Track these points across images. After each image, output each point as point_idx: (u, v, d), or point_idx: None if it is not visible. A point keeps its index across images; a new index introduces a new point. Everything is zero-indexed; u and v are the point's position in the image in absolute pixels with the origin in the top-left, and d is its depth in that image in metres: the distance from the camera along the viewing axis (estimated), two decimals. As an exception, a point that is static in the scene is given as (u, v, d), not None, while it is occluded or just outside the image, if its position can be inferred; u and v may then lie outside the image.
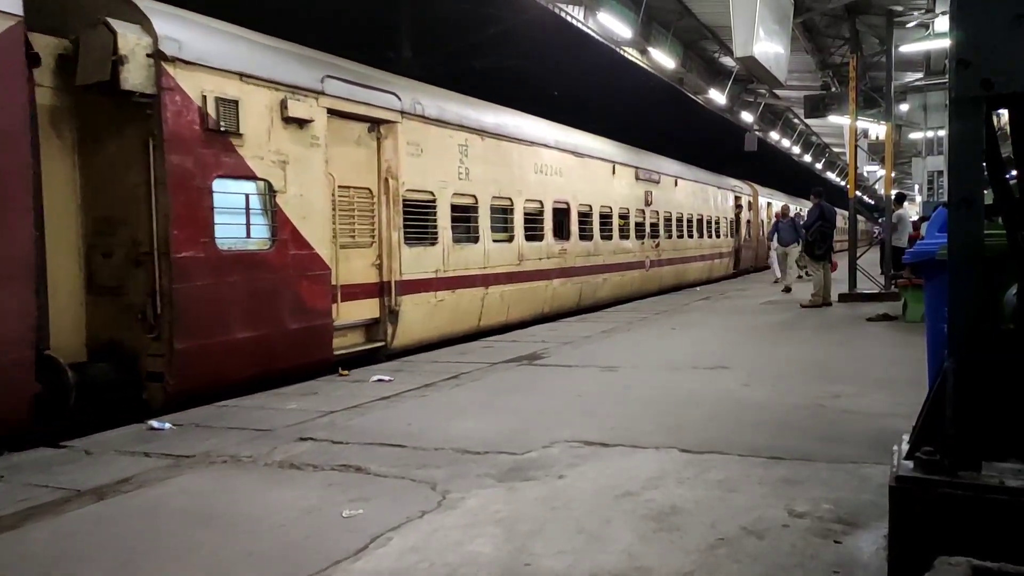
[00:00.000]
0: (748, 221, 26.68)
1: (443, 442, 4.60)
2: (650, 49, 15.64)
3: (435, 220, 9.58)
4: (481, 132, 10.65)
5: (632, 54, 16.34)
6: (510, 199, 11.33)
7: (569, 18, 14.18)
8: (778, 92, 20.72)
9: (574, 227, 13.49)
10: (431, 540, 3.07)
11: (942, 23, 13.31)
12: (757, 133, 25.03)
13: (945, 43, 10.98)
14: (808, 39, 16.38)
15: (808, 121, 25.76)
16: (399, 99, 8.90)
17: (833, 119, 19.63)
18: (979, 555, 2.07)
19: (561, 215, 13.12)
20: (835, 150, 35.10)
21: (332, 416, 5.48)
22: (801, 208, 29.97)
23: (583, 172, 13.88)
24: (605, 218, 14.81)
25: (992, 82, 2.25)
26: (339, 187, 8.01)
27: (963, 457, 2.33)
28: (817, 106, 18.39)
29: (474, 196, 10.41)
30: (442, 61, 20.74)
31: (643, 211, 16.92)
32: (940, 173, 17.04)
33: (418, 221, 9.27)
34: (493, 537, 3.08)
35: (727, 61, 18.06)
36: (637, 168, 16.66)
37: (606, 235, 14.85)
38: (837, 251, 14.47)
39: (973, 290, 2.35)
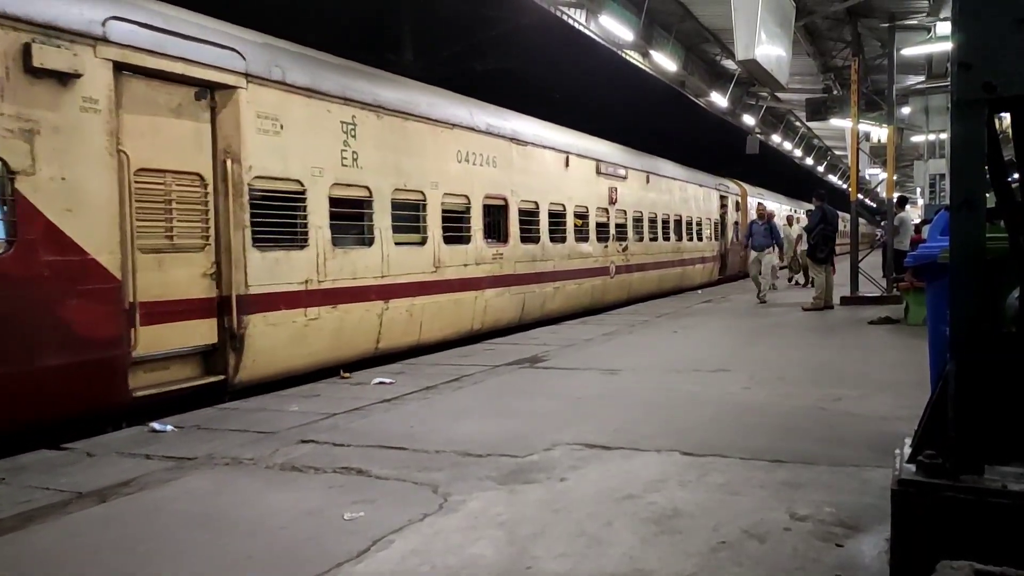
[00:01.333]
0: (736, 223, 24.91)
1: (445, 444, 4.60)
2: (652, 52, 15.63)
3: (304, 217, 7.50)
4: (377, 108, 8.51)
5: (634, 57, 16.34)
6: (422, 193, 9.31)
7: (571, 21, 14.18)
8: (780, 95, 20.69)
9: (514, 228, 11.48)
10: (432, 542, 3.07)
11: (944, 26, 13.30)
12: (759, 136, 25.00)
13: (947, 46, 10.99)
14: (810, 42, 16.38)
15: (810, 124, 25.73)
16: (243, 58, 6.82)
17: (835, 122, 19.63)
18: (981, 559, 2.07)
19: (497, 213, 11.26)
20: (837, 153, 35.06)
21: (334, 418, 5.48)
22: (795, 210, 29.87)
23: (526, 163, 11.91)
24: (556, 217, 12.89)
25: (994, 85, 2.26)
26: (141, 170, 5.99)
27: (965, 460, 2.33)
28: (819, 109, 18.39)
29: (367, 188, 8.36)
30: (443, 63, 20.75)
31: (607, 210, 14.97)
32: (942, 176, 17.02)
33: (276, 218, 7.19)
34: (494, 540, 3.07)
35: (729, 64, 18.05)
36: (598, 161, 14.66)
37: (558, 237, 12.93)
38: (839, 254, 14.39)
39: (975, 293, 2.35)
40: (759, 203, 25.89)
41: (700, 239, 21.54)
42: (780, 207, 29.44)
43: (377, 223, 8.53)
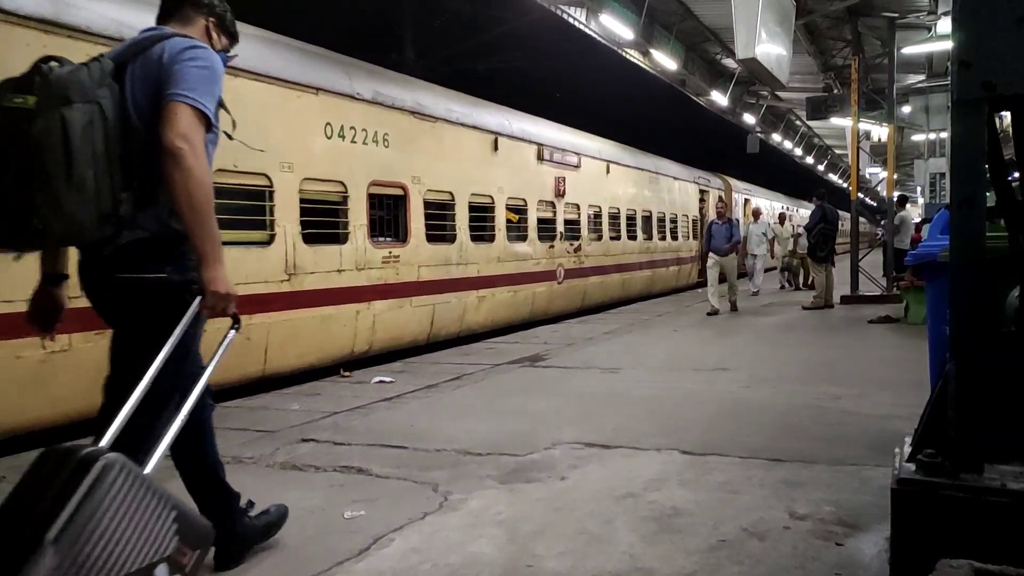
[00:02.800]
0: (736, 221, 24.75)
1: (445, 443, 4.60)
2: (652, 51, 15.63)
3: None
4: None
5: (634, 56, 16.33)
6: (267, 177, 7.24)
7: (571, 20, 14.18)
8: (780, 94, 20.69)
9: (417, 224, 9.43)
10: (433, 541, 3.07)
11: (944, 25, 13.30)
12: (759, 135, 24.99)
13: (947, 45, 10.99)
14: (810, 41, 16.38)
15: (810, 123, 25.74)
16: None
17: (835, 121, 19.62)
18: (981, 558, 2.07)
19: (393, 206, 9.27)
20: (837, 152, 35.08)
21: (335, 417, 5.49)
22: (788, 207, 29.65)
23: (436, 144, 9.82)
24: (481, 212, 10.86)
25: (994, 84, 2.26)
26: None
27: (965, 459, 2.33)
28: (819, 108, 18.38)
29: None
30: (445, 62, 20.76)
31: (552, 204, 12.97)
32: (942, 175, 17.02)
33: None
34: (495, 538, 3.08)
35: (729, 63, 18.07)
36: (540, 145, 12.52)
37: (483, 236, 10.88)
38: (839, 253, 14.36)
39: (975, 292, 2.35)
40: (747, 199, 24.36)
41: (675, 238, 19.48)
42: (771, 204, 28.65)
43: None
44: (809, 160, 35.18)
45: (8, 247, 2.34)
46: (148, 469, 2.02)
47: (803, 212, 29.31)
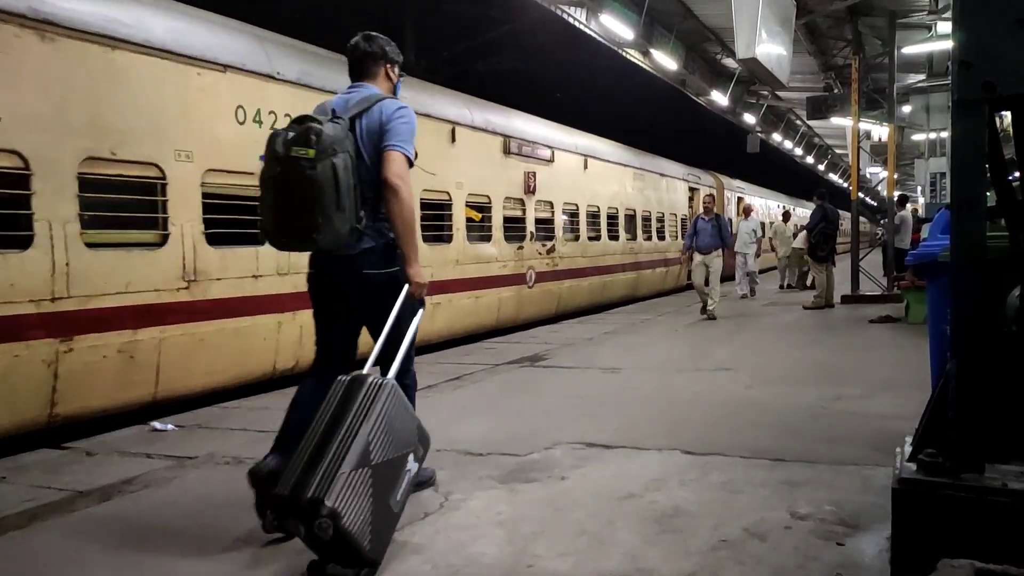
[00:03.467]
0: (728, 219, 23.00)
1: (445, 443, 4.60)
2: (652, 51, 15.62)
3: None
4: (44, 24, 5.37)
5: (634, 56, 16.33)
6: (157, 167, 6.15)
7: (571, 20, 14.18)
8: (780, 94, 20.67)
9: None
10: (434, 541, 3.07)
11: (944, 25, 13.30)
12: (759, 135, 24.98)
13: (947, 45, 10.97)
14: (810, 41, 16.37)
15: (810, 123, 25.72)
16: None
17: (835, 121, 19.62)
18: (982, 557, 2.07)
19: None
20: (837, 152, 35.07)
21: (335, 417, 5.48)
22: (784, 205, 29.48)
23: None
24: (435, 209, 9.91)
25: (994, 84, 2.26)
26: None
27: (966, 459, 2.33)
28: (819, 108, 18.37)
29: (15, 153, 5.20)
30: (445, 63, 20.78)
31: (522, 201, 11.94)
32: (943, 175, 17.00)
33: None
34: (496, 538, 3.08)
35: (729, 63, 18.05)
36: (507, 137, 11.42)
37: (439, 236, 9.92)
38: (839, 253, 14.35)
39: (975, 292, 2.35)
40: (708, 194, 23.50)
41: (662, 238, 18.23)
42: (766, 202, 28.06)
43: (42, 212, 5.30)
44: (809, 160, 35.17)
45: (283, 249, 3.35)
46: (391, 375, 3.02)
47: (799, 211, 29.07)
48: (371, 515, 2.64)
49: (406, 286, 3.34)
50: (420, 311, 3.41)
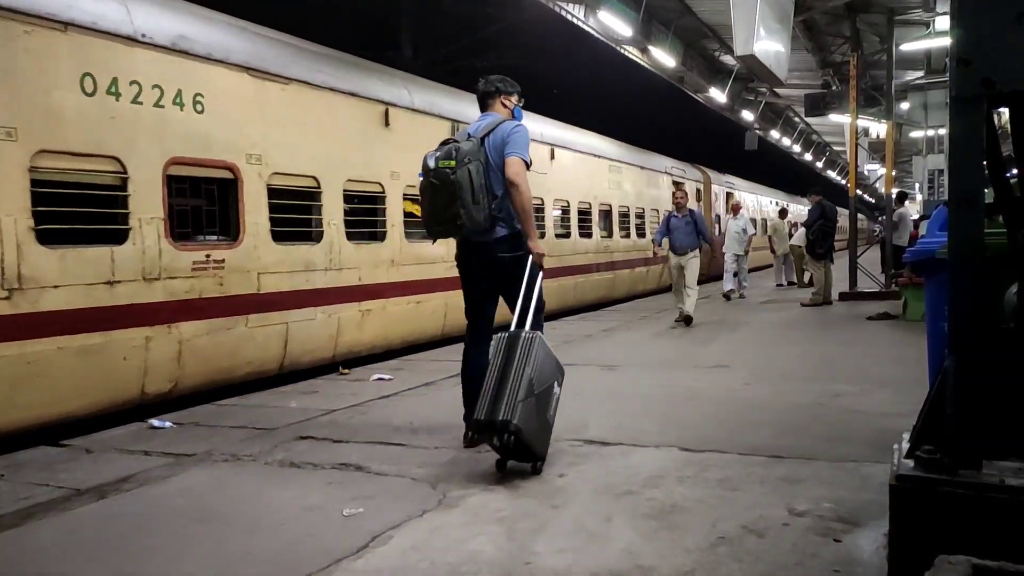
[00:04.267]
0: (716, 216, 20.82)
1: (443, 441, 4.60)
2: (650, 48, 15.62)
3: None
4: None
5: (632, 52, 16.32)
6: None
7: (570, 16, 14.17)
8: (779, 90, 20.69)
9: (254, 218, 7.08)
10: (432, 538, 3.07)
11: (943, 21, 13.30)
12: (758, 132, 24.98)
13: (946, 42, 10.98)
14: (809, 37, 16.36)
15: (808, 120, 25.75)
16: None
17: (834, 117, 19.63)
18: (979, 554, 2.07)
19: (223, 193, 6.98)
20: (835, 149, 35.10)
21: (333, 414, 5.49)
22: (778, 201, 29.28)
23: (289, 116, 7.51)
24: (364, 203, 8.73)
25: (993, 81, 2.26)
26: None
27: (963, 456, 2.33)
28: (817, 104, 18.38)
29: None
30: (443, 59, 20.75)
31: None
32: (941, 172, 17.00)
33: None
34: (494, 535, 3.08)
35: (728, 59, 18.05)
36: (455, 122, 10.02)
37: (369, 233, 8.74)
38: (837, 250, 14.32)
39: (973, 289, 2.35)
40: (680, 191, 21.95)
41: (642, 235, 16.97)
42: (758, 198, 27.52)
43: None
44: (808, 157, 35.19)
45: (437, 237, 4.48)
46: (531, 329, 4.12)
47: (793, 207, 28.83)
48: (538, 427, 3.88)
49: (531, 260, 4.32)
50: (540, 276, 4.36)
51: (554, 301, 12.54)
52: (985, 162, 2.42)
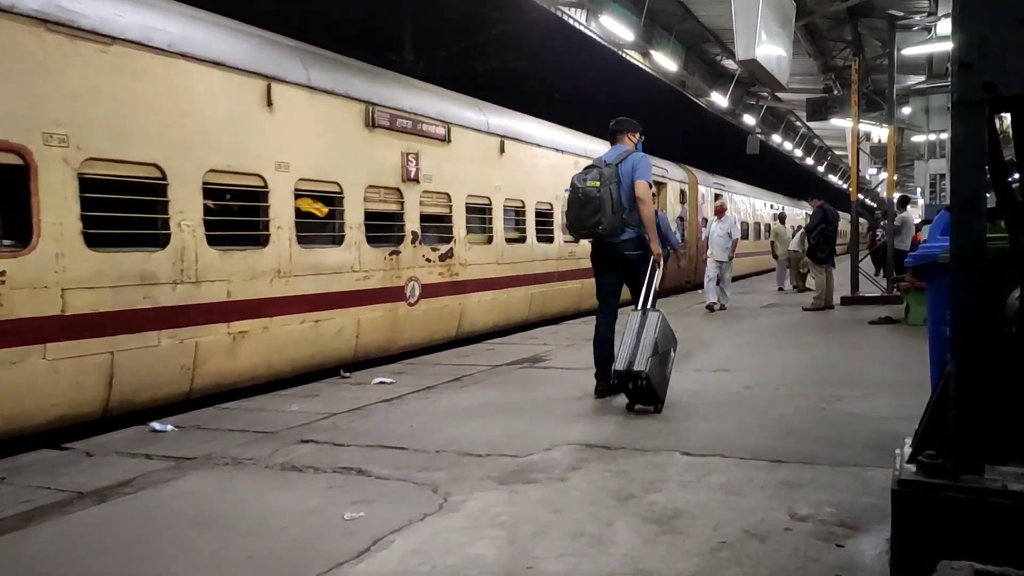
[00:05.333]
0: (681, 219, 18.99)
1: (445, 444, 4.60)
2: (652, 52, 15.63)
3: None
4: None
5: (634, 57, 16.34)
6: None
7: (571, 21, 14.19)
8: (780, 95, 20.67)
9: (55, 217, 5.49)
10: (433, 542, 3.06)
11: (944, 26, 13.30)
12: (759, 136, 24.97)
13: (947, 46, 10.97)
14: (810, 42, 16.38)
15: (810, 124, 25.73)
16: None
17: (835, 122, 19.61)
18: (981, 559, 2.07)
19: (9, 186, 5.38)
20: (837, 153, 35.08)
21: (334, 418, 5.48)
22: (774, 204, 29.09)
23: (116, 89, 5.92)
24: (238, 199, 7.18)
25: (994, 85, 2.26)
26: None
27: (965, 460, 2.33)
28: (819, 109, 18.36)
29: None
30: (444, 63, 20.78)
31: (398, 192, 9.01)
32: (942, 176, 17.00)
33: None
34: (495, 539, 3.07)
35: (729, 64, 18.06)
36: (371, 105, 8.57)
37: (239, 237, 7.07)
38: (839, 254, 14.29)
39: (975, 293, 2.35)
40: (718, 195, 19.61)
41: None
42: (751, 201, 26.82)
43: None
44: (809, 161, 35.19)
45: (580, 238, 6.25)
46: (652, 308, 5.44)
47: (791, 211, 28.65)
48: (660, 378, 5.24)
49: (651, 258, 5.69)
50: (658, 271, 5.67)
51: (504, 315, 11.33)
52: (987, 166, 2.41)
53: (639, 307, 5.46)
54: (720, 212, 14.33)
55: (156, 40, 6.24)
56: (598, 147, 16.08)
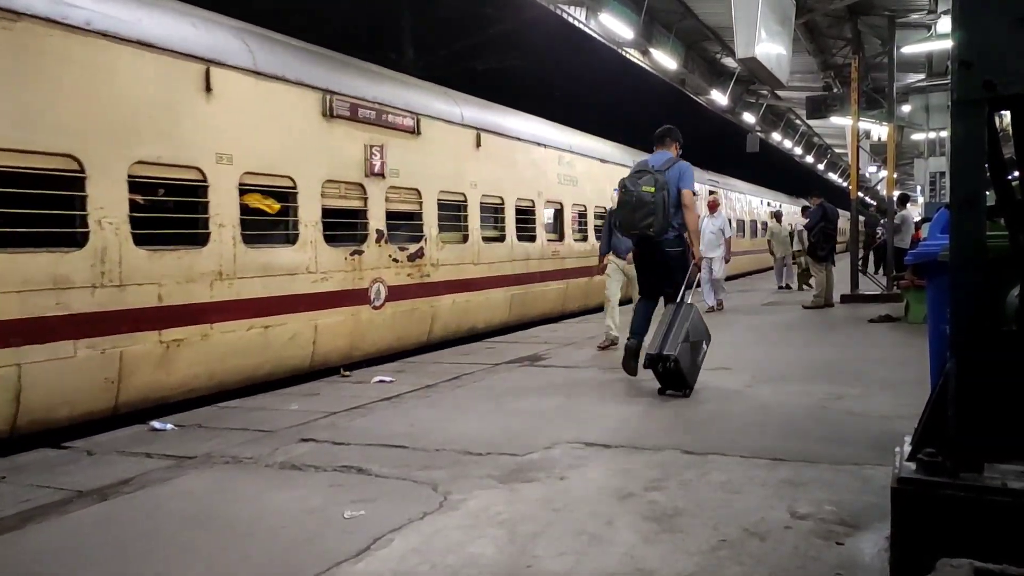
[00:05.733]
0: None
1: (445, 443, 4.60)
2: (652, 50, 15.62)
3: None
4: None
5: (634, 55, 16.32)
6: None
7: (571, 19, 14.18)
8: (780, 93, 20.67)
9: None
10: (433, 541, 3.07)
11: (944, 24, 13.30)
12: (759, 134, 24.96)
13: (947, 44, 10.94)
14: (810, 40, 16.37)
15: (810, 122, 25.73)
16: None
17: (835, 120, 19.61)
18: (981, 557, 2.07)
19: None
20: (837, 151, 35.09)
21: (334, 417, 5.49)
22: (770, 202, 28.83)
23: (12, 66, 5.35)
24: (173, 195, 6.78)
25: (994, 83, 2.25)
26: None
27: (965, 458, 2.33)
28: (819, 107, 18.36)
29: None
30: (444, 62, 20.77)
31: (360, 187, 8.38)
32: (942, 174, 17.00)
33: None
34: (495, 538, 3.07)
35: (729, 62, 18.05)
36: (329, 93, 7.97)
37: (172, 236, 6.49)
38: (838, 252, 14.26)
39: (975, 291, 2.35)
40: (710, 191, 18.65)
41: (584, 238, 14.03)
42: (747, 198, 26.23)
43: None
44: (809, 159, 35.18)
45: (630, 236, 6.51)
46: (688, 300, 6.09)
47: (786, 208, 28.28)
48: (690, 365, 5.70)
49: (692, 261, 6.34)
50: (691, 269, 6.33)
51: (482, 318, 10.59)
52: (987, 164, 2.41)
53: (676, 300, 6.03)
54: (713, 208, 13.59)
55: (72, 18, 5.68)
56: (586, 143, 15.05)
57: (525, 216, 11.99)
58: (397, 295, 8.91)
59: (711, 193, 18.68)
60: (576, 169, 13.76)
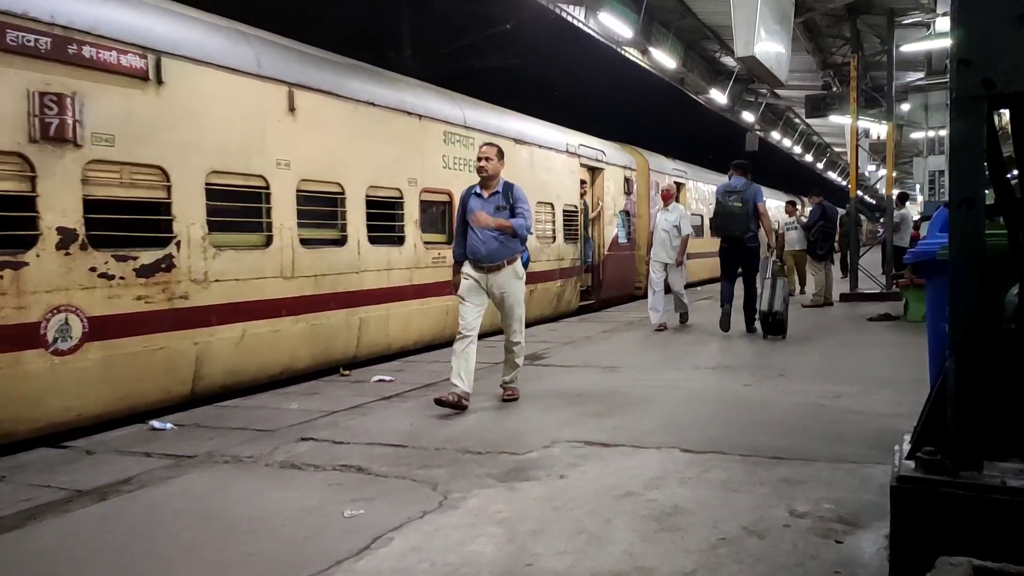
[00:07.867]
0: (626, 212, 15.49)
1: (444, 442, 4.60)
2: (651, 49, 15.62)
3: None
4: None
5: (633, 54, 16.32)
6: None
7: (570, 18, 14.17)
8: (779, 92, 20.66)
9: None
10: (432, 540, 3.07)
11: (943, 23, 13.30)
12: (758, 133, 24.96)
13: (946, 43, 10.93)
14: (809, 39, 16.37)
15: (809, 121, 25.74)
16: None
17: (834, 119, 19.62)
18: (980, 555, 2.07)
19: None
20: (836, 150, 35.10)
21: (333, 416, 5.49)
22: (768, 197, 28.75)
23: None
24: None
25: (993, 82, 2.26)
26: None
27: (964, 457, 2.33)
28: (818, 106, 18.37)
29: None
30: (442, 60, 20.76)
31: (24, 163, 5.15)
32: (941, 173, 16.98)
33: None
34: (494, 537, 3.08)
35: (728, 61, 18.05)
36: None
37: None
38: (836, 251, 14.25)
39: (974, 290, 2.35)
40: (679, 184, 16.80)
41: (550, 241, 12.39)
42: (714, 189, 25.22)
43: None
44: (808, 158, 35.19)
45: (719, 237, 9.67)
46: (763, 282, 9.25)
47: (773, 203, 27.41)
48: (784, 317, 8.96)
49: (766, 252, 9.77)
50: (762, 260, 9.44)
51: (290, 355, 7.34)
52: (986, 163, 2.41)
53: (754, 280, 9.40)
54: (667, 198, 10.64)
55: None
56: (482, 115, 10.78)
57: (385, 210, 8.71)
58: (113, 331, 5.75)
59: (679, 187, 16.60)
60: (472, 151, 9.83)
